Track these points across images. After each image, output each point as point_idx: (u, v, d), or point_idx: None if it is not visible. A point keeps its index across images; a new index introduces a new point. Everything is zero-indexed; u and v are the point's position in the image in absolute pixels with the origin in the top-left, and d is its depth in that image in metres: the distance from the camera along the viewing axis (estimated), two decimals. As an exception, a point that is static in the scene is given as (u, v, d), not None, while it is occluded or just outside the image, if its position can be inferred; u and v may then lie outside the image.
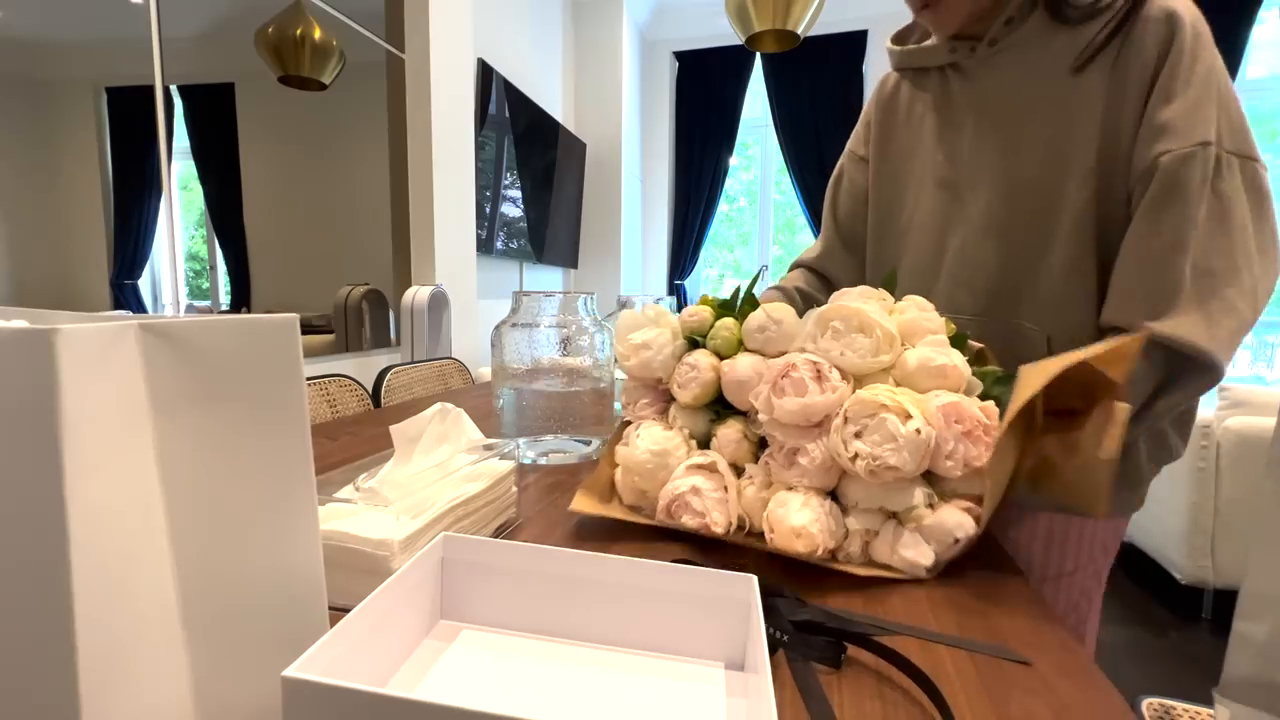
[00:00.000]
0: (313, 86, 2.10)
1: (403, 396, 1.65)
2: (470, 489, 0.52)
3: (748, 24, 2.44)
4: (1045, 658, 0.39)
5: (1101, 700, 0.35)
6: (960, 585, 0.50)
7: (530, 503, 0.66)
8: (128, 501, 0.23)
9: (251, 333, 0.26)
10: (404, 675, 0.34)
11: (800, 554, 0.49)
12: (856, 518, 0.52)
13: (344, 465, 0.56)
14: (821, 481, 0.53)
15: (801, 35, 2.45)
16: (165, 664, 0.25)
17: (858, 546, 0.52)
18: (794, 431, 0.53)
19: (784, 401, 0.52)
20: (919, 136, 0.81)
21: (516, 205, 3.22)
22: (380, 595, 0.32)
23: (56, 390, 0.20)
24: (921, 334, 0.57)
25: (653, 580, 0.37)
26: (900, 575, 0.51)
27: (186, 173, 1.76)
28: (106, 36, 1.51)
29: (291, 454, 0.28)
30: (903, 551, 0.51)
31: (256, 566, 0.28)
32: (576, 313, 0.83)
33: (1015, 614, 0.45)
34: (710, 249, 4.68)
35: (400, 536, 0.43)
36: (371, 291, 2.39)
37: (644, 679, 0.35)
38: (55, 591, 0.21)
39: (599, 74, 4.00)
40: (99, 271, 1.55)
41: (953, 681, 0.37)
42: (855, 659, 0.39)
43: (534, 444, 0.81)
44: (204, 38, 1.75)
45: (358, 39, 2.26)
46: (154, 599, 0.24)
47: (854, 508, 0.53)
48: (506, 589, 0.38)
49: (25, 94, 1.37)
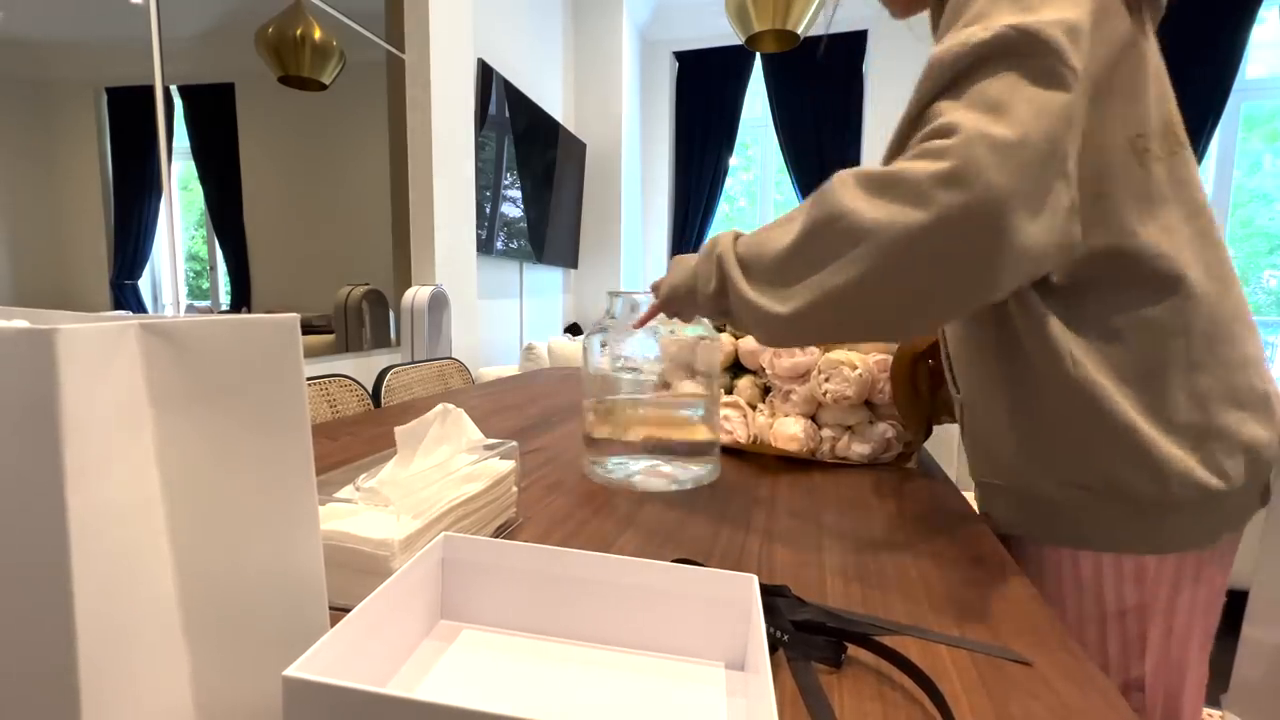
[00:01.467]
0: (313, 87, 2.10)
1: (403, 396, 1.65)
2: (470, 489, 0.52)
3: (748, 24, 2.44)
4: (1046, 658, 0.39)
5: (1102, 701, 0.35)
6: (960, 585, 0.50)
7: (530, 503, 0.66)
8: (128, 501, 0.23)
9: (252, 333, 0.26)
10: (404, 675, 0.34)
11: (793, 452, 0.84)
12: (827, 430, 0.87)
13: (344, 465, 0.56)
14: (805, 409, 0.87)
15: (802, 35, 2.45)
16: (165, 664, 0.25)
17: (828, 447, 0.86)
18: (787, 380, 0.87)
19: (781, 361, 0.86)
20: None
21: (516, 205, 3.22)
22: (380, 595, 0.32)
23: (57, 390, 0.20)
24: None
25: (653, 580, 0.37)
26: (854, 462, 0.84)
27: (186, 173, 1.76)
28: (106, 36, 1.51)
29: (292, 454, 0.28)
30: (854, 448, 0.85)
31: (257, 566, 0.28)
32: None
33: (1015, 614, 0.45)
34: (710, 249, 4.67)
35: (400, 536, 0.43)
36: (371, 291, 2.39)
37: (644, 679, 0.35)
38: (55, 591, 0.21)
39: (599, 74, 4.00)
40: (99, 271, 1.55)
41: (953, 681, 0.37)
42: (855, 659, 0.39)
43: (629, 463, 0.74)
44: (204, 38, 1.75)
45: (358, 39, 2.26)
46: (154, 599, 0.24)
47: (825, 424, 0.87)
48: (506, 589, 0.38)
49: (25, 94, 1.37)
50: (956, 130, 0.44)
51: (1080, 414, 0.56)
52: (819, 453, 0.85)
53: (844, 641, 0.39)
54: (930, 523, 0.62)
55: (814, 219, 0.50)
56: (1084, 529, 0.60)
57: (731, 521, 0.62)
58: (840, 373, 0.83)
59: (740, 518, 0.63)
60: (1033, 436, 0.60)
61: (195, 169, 1.78)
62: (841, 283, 0.48)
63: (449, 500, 0.49)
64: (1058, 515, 0.61)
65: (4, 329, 0.20)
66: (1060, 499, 0.60)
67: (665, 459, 0.74)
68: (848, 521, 0.61)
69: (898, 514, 0.65)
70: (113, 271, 1.57)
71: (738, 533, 0.59)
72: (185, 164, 1.75)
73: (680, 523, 0.62)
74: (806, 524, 0.62)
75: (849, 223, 0.47)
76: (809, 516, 0.64)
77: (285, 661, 0.25)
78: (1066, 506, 0.60)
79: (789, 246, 0.52)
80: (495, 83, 2.92)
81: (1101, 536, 0.59)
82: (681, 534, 0.59)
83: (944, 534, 0.58)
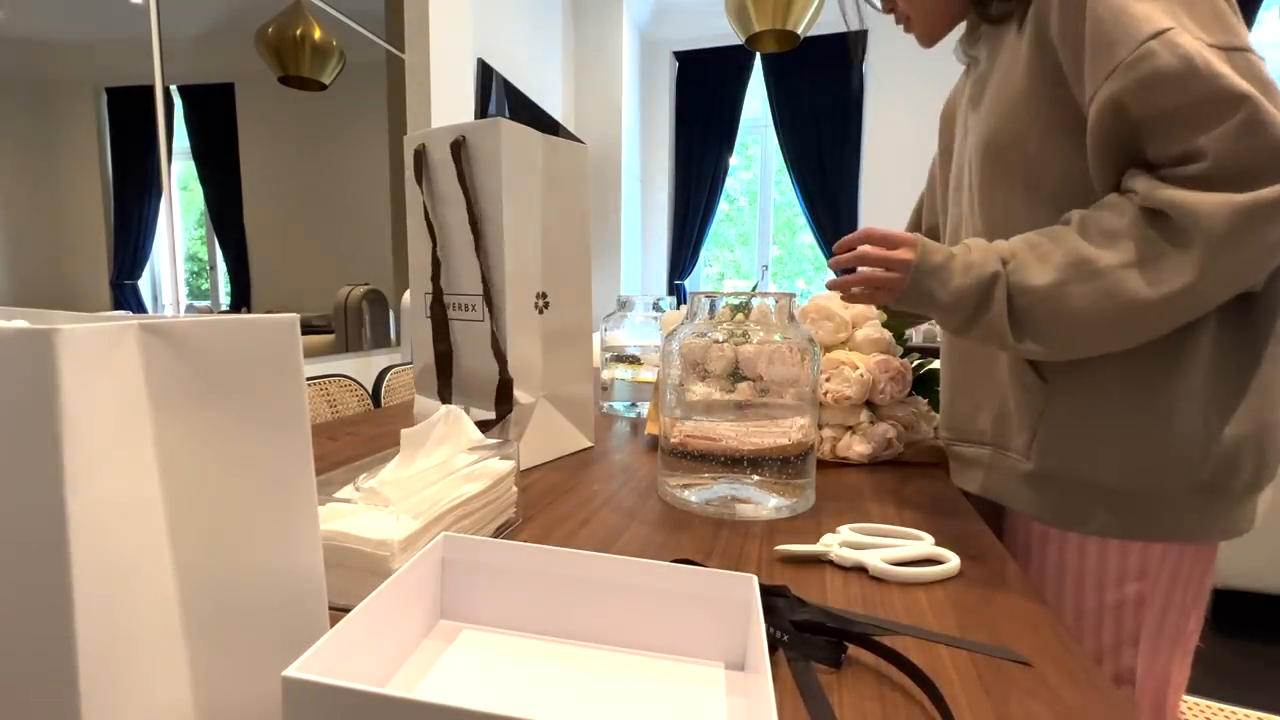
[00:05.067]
0: (313, 87, 2.10)
1: (403, 396, 1.65)
2: (470, 489, 0.52)
3: (747, 24, 2.44)
4: (1046, 658, 0.39)
5: (1102, 701, 0.35)
6: (960, 585, 0.50)
7: (530, 503, 0.66)
8: (128, 501, 0.23)
9: (252, 333, 0.26)
10: (404, 675, 0.33)
11: (791, 451, 0.66)
12: (828, 430, 0.86)
13: (344, 465, 0.56)
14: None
15: (801, 35, 2.45)
16: (165, 664, 0.25)
17: (829, 447, 0.85)
18: (782, 387, 0.73)
19: (771, 368, 0.68)
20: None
21: (516, 205, 3.21)
22: (380, 595, 0.32)
23: (57, 390, 0.20)
24: (866, 317, 0.91)
25: (653, 580, 0.37)
26: (854, 462, 0.83)
27: (186, 173, 1.76)
28: (106, 36, 1.51)
29: (292, 454, 0.28)
30: (855, 448, 0.83)
31: (256, 566, 0.28)
32: (767, 319, 0.67)
33: (1015, 614, 0.45)
34: (710, 248, 4.68)
35: (400, 536, 0.43)
36: (371, 291, 2.39)
37: (644, 679, 0.35)
38: (55, 591, 0.21)
39: (599, 74, 4.00)
40: (99, 271, 1.55)
41: (953, 681, 0.37)
42: (855, 659, 0.39)
43: (697, 493, 0.66)
44: (204, 38, 1.75)
45: (358, 39, 2.26)
46: (154, 599, 0.24)
47: (826, 424, 0.86)
48: (506, 589, 0.38)
49: (25, 94, 1.37)
50: None
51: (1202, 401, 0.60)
52: (818, 451, 0.85)
53: (844, 641, 0.39)
54: (930, 522, 0.62)
55: None
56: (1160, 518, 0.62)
57: (731, 521, 0.62)
58: (841, 373, 0.83)
59: (740, 518, 0.63)
60: (1155, 438, 0.61)
61: (195, 169, 1.78)
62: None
63: (449, 500, 0.49)
64: (1128, 505, 0.63)
65: (4, 329, 0.20)
66: (1166, 490, 0.62)
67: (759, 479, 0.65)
68: (848, 521, 0.61)
69: (898, 514, 0.65)
70: (113, 271, 1.57)
71: (738, 533, 0.59)
72: (185, 164, 1.75)
73: (680, 523, 0.62)
74: (807, 523, 0.62)
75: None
76: (809, 516, 0.64)
77: (285, 661, 0.25)
78: (1164, 497, 0.62)
79: None
80: (495, 82, 2.92)
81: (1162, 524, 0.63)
82: (681, 534, 0.59)
83: (944, 534, 0.58)
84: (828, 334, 0.90)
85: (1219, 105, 0.49)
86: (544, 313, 0.82)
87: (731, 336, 0.66)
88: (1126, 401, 0.61)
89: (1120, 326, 0.55)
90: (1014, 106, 0.65)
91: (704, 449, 0.65)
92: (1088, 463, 0.64)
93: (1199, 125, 0.50)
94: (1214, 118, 0.49)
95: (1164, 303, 0.53)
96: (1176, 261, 0.52)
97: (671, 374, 0.68)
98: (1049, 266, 0.57)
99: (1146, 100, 0.52)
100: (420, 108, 2.45)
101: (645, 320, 1.16)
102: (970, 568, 0.52)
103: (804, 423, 0.65)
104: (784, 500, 0.65)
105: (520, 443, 0.76)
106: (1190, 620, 0.65)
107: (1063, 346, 0.59)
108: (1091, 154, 0.58)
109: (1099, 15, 0.54)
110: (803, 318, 0.91)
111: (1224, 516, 0.62)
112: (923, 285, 0.62)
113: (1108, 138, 0.56)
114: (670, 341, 0.69)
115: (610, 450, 0.90)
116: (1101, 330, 0.56)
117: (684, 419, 0.67)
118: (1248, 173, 0.49)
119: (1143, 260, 0.53)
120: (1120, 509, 0.63)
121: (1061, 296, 0.56)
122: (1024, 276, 0.58)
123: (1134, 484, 0.62)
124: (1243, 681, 1.77)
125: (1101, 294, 0.54)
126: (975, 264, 0.60)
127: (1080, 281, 0.55)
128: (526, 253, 0.79)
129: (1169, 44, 0.50)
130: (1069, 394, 0.65)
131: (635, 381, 1.14)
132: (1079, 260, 0.55)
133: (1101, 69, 0.54)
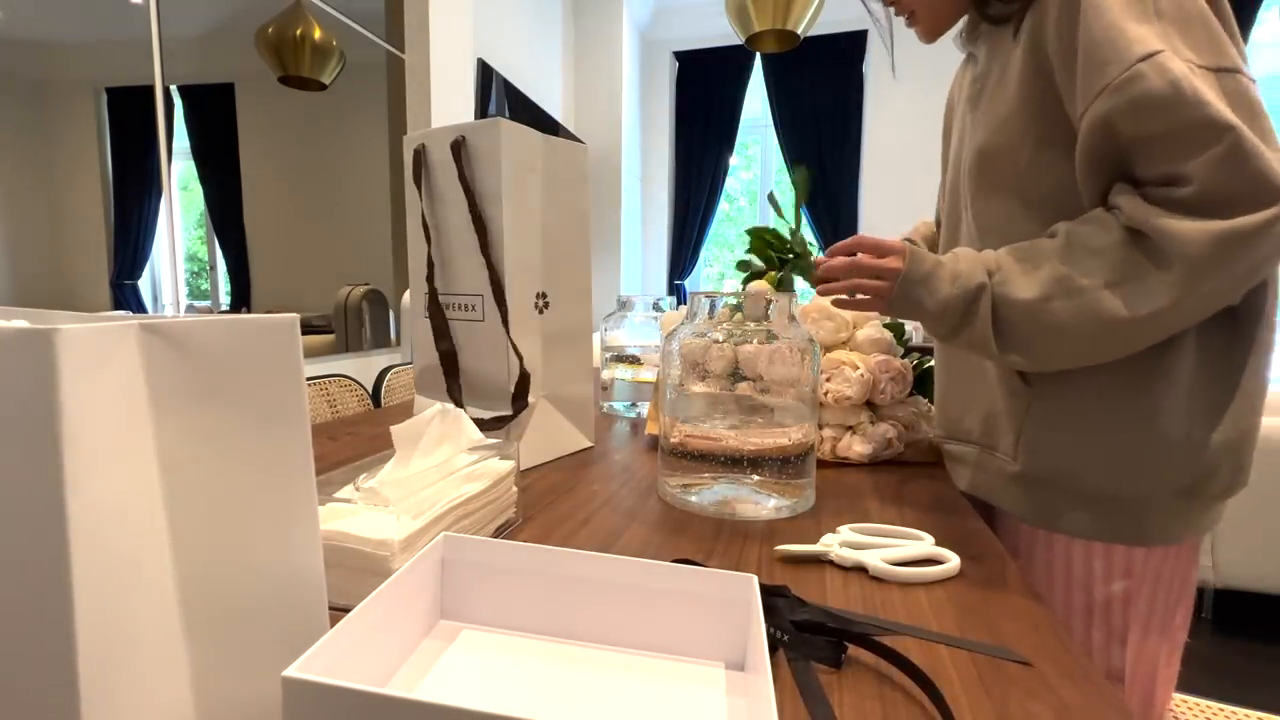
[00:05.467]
0: (313, 87, 2.10)
1: (403, 396, 1.65)
2: (470, 489, 0.52)
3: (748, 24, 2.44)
4: (1045, 658, 0.39)
5: (1101, 700, 0.35)
6: (960, 585, 0.50)
7: (530, 503, 0.66)
8: (128, 501, 0.23)
9: (252, 333, 0.26)
10: (404, 675, 0.33)
11: (791, 451, 0.65)
12: (828, 429, 0.85)
13: (344, 465, 0.56)
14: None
15: (801, 35, 2.45)
16: (165, 664, 0.25)
17: (829, 447, 0.84)
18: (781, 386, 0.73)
19: (772, 368, 0.67)
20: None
21: (516, 205, 3.21)
22: (380, 595, 0.32)
23: (56, 390, 0.20)
24: (867, 318, 0.92)
25: (653, 580, 0.37)
26: (855, 461, 0.82)
27: (186, 173, 1.76)
28: (106, 36, 1.51)
29: (292, 454, 0.28)
30: (855, 448, 0.82)
31: (257, 566, 0.28)
32: (770, 319, 0.66)
33: (1015, 614, 0.45)
34: (710, 248, 4.67)
35: (400, 536, 0.43)
36: (371, 291, 2.39)
37: (644, 679, 0.35)
38: (55, 591, 0.21)
39: (599, 74, 4.00)
40: (99, 271, 1.55)
41: (953, 681, 0.37)
42: (855, 659, 0.39)
43: (697, 493, 0.65)
44: (204, 38, 1.75)
45: (358, 39, 2.26)
46: (154, 599, 0.24)
47: (826, 424, 0.85)
48: (506, 589, 0.38)
49: (25, 94, 1.37)
50: None
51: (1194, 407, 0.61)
52: (818, 451, 0.84)
53: (844, 641, 0.39)
54: (930, 522, 0.62)
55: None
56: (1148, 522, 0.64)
57: (731, 522, 0.62)
58: (842, 373, 0.83)
59: (740, 518, 0.63)
60: (1139, 443, 0.62)
61: (195, 169, 1.78)
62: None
63: (449, 500, 0.49)
64: (1119, 510, 0.64)
65: (3, 329, 0.20)
66: (1152, 495, 0.63)
67: (759, 479, 0.65)
68: (848, 521, 0.61)
69: (898, 514, 0.65)
70: (113, 271, 1.57)
71: (738, 533, 0.59)
72: (185, 164, 1.75)
73: (680, 523, 0.62)
74: (807, 524, 0.62)
75: None
76: (809, 516, 0.64)
77: (285, 661, 0.25)
78: (1153, 502, 0.63)
79: None
80: (495, 82, 2.91)
81: (1149, 528, 0.64)
82: (681, 534, 0.59)
83: (944, 534, 0.58)
84: (828, 334, 0.90)
85: (1202, 133, 0.50)
86: (544, 313, 0.82)
87: (731, 336, 0.66)
88: (1110, 407, 0.63)
89: (1100, 343, 0.57)
90: (1007, 119, 0.65)
91: (704, 449, 0.65)
92: (1071, 465, 0.65)
93: (1184, 152, 0.51)
94: (1198, 145, 0.50)
95: (1144, 321, 0.54)
96: (1157, 282, 0.53)
97: (671, 374, 0.68)
98: (1034, 281, 0.58)
99: (1135, 121, 0.53)
100: (420, 108, 2.45)
101: (645, 320, 1.16)
102: (970, 568, 0.52)
103: (804, 423, 0.65)
104: (784, 500, 0.64)
105: (520, 443, 0.76)
106: (1177, 616, 0.67)
107: (1044, 359, 0.60)
108: (1080, 168, 0.59)
109: (1093, 33, 0.55)
110: (803, 318, 0.91)
111: (1198, 519, 0.64)
112: (911, 294, 0.63)
113: (1096, 154, 0.57)
114: (670, 341, 0.68)
115: (610, 450, 0.90)
116: (1082, 345, 0.58)
117: (684, 419, 0.67)
118: (1229, 200, 0.50)
119: (1125, 280, 0.54)
120: (1102, 512, 0.65)
121: (1044, 311, 0.57)
122: (1009, 290, 0.59)
123: (1117, 488, 0.63)
124: (1243, 681, 1.77)
125: (1083, 311, 0.56)
126: (962, 274, 0.61)
127: (1063, 298, 0.56)
128: (526, 253, 0.79)
129: (1159, 67, 0.51)
130: (1053, 398, 0.66)
131: (635, 381, 1.14)
132: (1063, 276, 0.57)
133: (1093, 87, 0.55)
